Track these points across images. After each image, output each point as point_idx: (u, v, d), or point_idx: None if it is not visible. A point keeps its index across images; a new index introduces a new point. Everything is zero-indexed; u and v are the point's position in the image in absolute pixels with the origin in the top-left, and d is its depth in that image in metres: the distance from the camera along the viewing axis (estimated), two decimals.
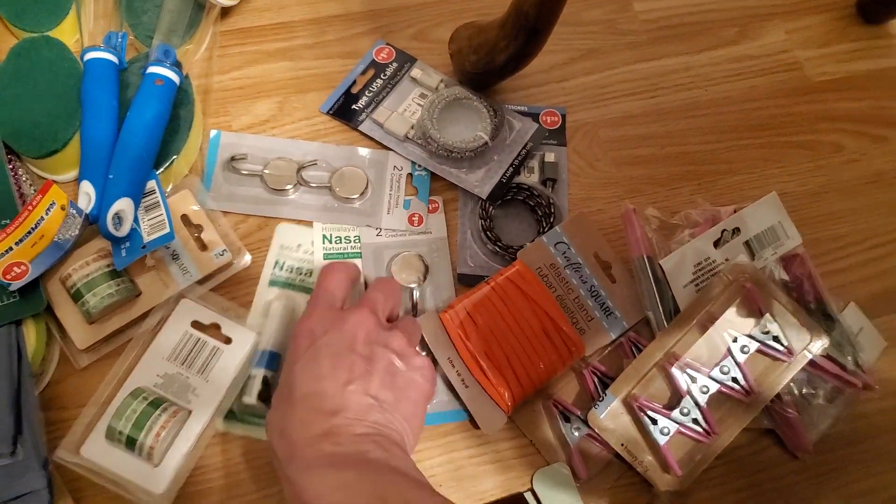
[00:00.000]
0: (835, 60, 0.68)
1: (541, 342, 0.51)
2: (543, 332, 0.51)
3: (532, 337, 0.51)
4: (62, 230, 0.48)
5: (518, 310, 0.52)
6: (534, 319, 0.51)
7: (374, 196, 0.56)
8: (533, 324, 0.51)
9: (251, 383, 0.48)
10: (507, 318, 0.51)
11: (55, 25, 0.56)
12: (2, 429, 0.44)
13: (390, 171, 0.57)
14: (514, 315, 0.51)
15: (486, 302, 0.52)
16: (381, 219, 0.56)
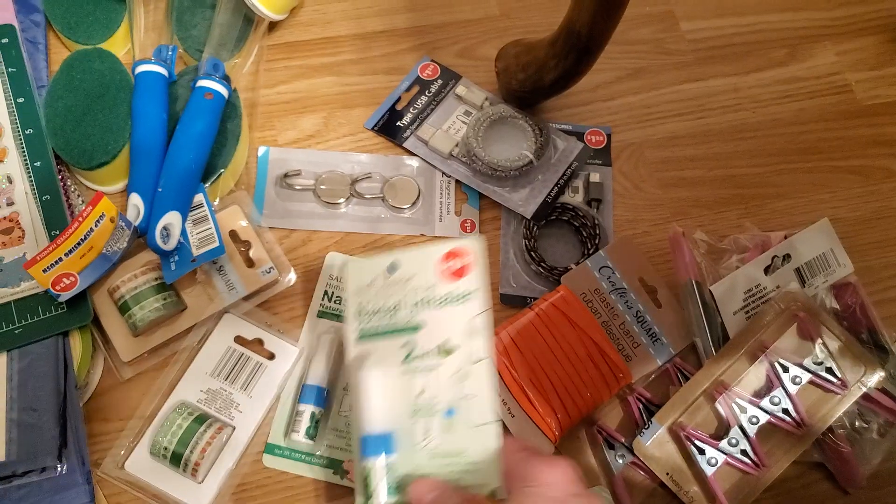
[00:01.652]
0: (886, 84, 0.66)
1: (587, 369, 0.50)
2: (589, 359, 0.50)
3: (578, 364, 0.50)
4: (111, 242, 0.48)
5: (563, 336, 0.50)
6: (579, 346, 0.50)
7: (425, 204, 0.56)
8: (579, 350, 0.50)
9: (299, 419, 0.47)
10: (553, 345, 0.50)
11: (107, 38, 0.56)
12: (48, 441, 0.44)
13: (439, 179, 0.57)
14: (560, 342, 0.50)
15: (530, 328, 0.50)
16: (434, 226, 0.55)
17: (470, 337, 0.40)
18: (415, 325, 0.41)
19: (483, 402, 0.39)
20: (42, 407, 0.44)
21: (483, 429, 0.39)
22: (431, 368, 0.40)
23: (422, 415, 0.39)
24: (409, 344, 0.41)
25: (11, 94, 0.52)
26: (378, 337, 0.42)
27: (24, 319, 0.46)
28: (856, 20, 0.68)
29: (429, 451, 0.39)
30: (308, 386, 0.49)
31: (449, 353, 0.40)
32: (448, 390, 0.40)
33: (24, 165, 0.50)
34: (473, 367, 0.40)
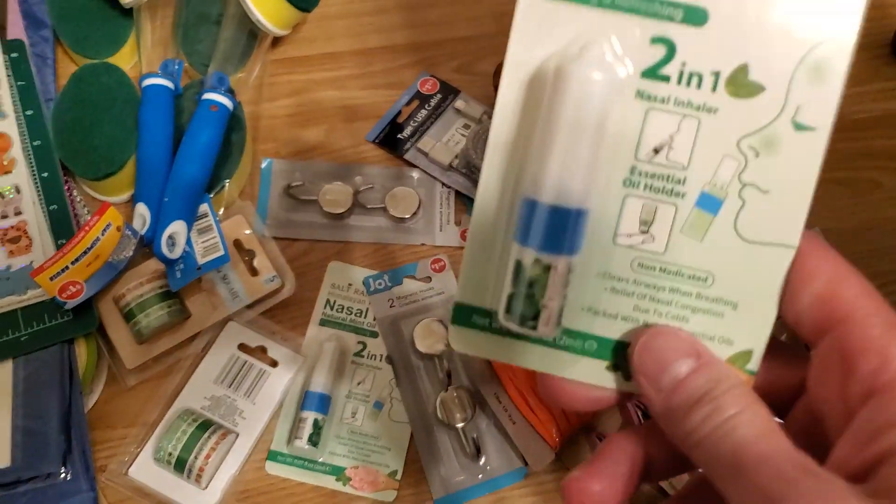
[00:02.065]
0: (870, 99, 0.67)
1: None
2: None
3: None
4: (117, 251, 0.48)
5: None
6: None
7: (426, 214, 0.56)
8: None
9: (302, 426, 0.48)
10: None
11: (114, 53, 0.57)
12: (53, 448, 0.43)
13: (439, 190, 0.58)
14: None
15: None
16: (434, 236, 0.56)
17: (804, 73, 0.22)
18: (691, 5, 0.22)
19: (787, 207, 0.23)
20: (47, 414, 0.44)
21: (770, 251, 0.23)
22: (692, 107, 0.23)
23: (648, 192, 0.23)
24: (661, 42, 0.23)
25: (20, 106, 0.52)
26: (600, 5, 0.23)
27: (30, 327, 0.46)
28: None
29: (645, 257, 0.24)
30: (311, 393, 0.49)
31: (741, 88, 0.22)
32: (715, 161, 0.23)
33: (32, 176, 0.50)
34: (786, 136, 0.22)
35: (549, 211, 0.22)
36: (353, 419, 0.50)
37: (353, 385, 0.51)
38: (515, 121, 0.23)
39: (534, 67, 0.23)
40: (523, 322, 0.23)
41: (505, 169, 0.24)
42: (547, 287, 0.23)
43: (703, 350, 0.23)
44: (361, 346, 0.52)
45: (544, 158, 0.22)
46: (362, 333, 0.52)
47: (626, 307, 0.24)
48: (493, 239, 0.24)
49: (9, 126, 0.51)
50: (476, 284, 0.25)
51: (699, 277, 0.24)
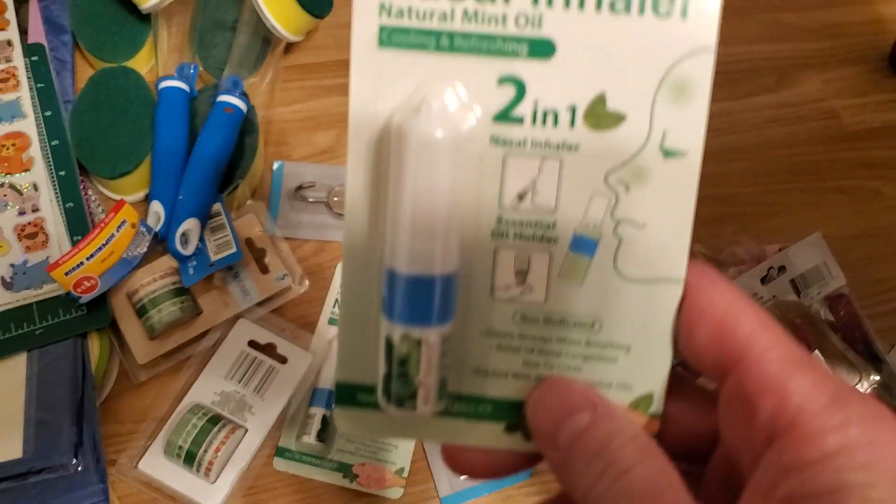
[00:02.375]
0: (870, 110, 0.69)
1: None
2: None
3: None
4: (131, 247, 0.49)
5: None
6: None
7: None
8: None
9: (310, 422, 0.48)
10: None
11: (131, 56, 0.58)
12: (64, 440, 0.44)
13: None
14: None
15: None
16: None
17: (665, 95, 0.21)
18: (535, 39, 0.21)
19: (667, 240, 0.22)
20: (60, 406, 0.45)
21: (655, 288, 0.22)
22: (551, 147, 0.21)
23: (519, 240, 0.22)
24: (509, 82, 0.21)
25: (40, 107, 0.53)
26: (424, 48, 0.21)
27: (45, 320, 0.47)
28: (838, 51, 0.71)
29: (539, 312, 0.22)
30: (319, 389, 0.49)
31: (601, 120, 0.21)
32: (584, 201, 0.22)
33: (49, 174, 0.51)
34: (655, 165, 0.21)
35: (409, 281, 0.20)
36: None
37: None
38: (369, 185, 0.21)
39: (379, 124, 0.21)
40: (400, 403, 0.21)
41: (367, 233, 0.22)
42: (420, 363, 0.21)
43: (599, 400, 0.21)
44: None
45: (396, 228, 0.20)
46: None
47: (515, 363, 0.22)
48: (365, 309, 0.22)
49: (28, 126, 0.52)
50: (355, 359, 0.22)
51: (585, 324, 0.22)
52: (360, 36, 0.20)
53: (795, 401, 0.18)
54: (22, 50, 0.55)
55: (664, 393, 0.22)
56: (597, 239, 0.22)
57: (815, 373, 0.19)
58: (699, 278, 0.21)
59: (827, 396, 0.18)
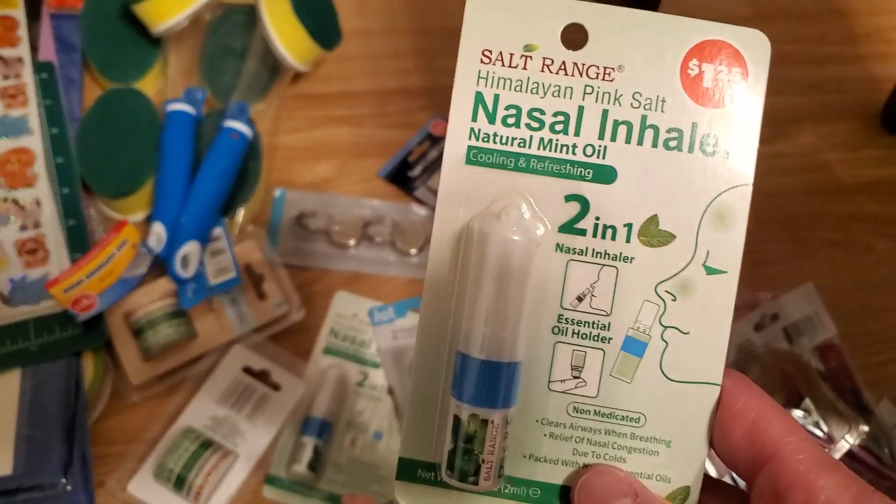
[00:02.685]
0: (862, 165, 0.71)
1: None
2: None
3: None
4: (131, 267, 0.50)
5: None
6: None
7: None
8: None
9: (302, 451, 0.48)
10: None
11: (140, 77, 0.59)
12: (54, 458, 0.44)
13: None
14: None
15: None
16: None
17: (709, 221, 0.24)
18: (600, 165, 0.24)
19: (707, 347, 0.24)
20: (51, 424, 0.45)
21: (695, 389, 0.24)
22: (609, 257, 0.24)
23: (576, 338, 0.25)
24: (574, 199, 0.24)
25: (47, 124, 0.54)
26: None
27: (41, 337, 0.47)
28: (833, 106, 0.74)
29: (579, 407, 0.25)
30: (312, 419, 0.50)
31: (654, 237, 0.24)
32: (636, 306, 0.24)
33: (52, 191, 0.52)
34: (699, 279, 0.24)
35: (481, 365, 0.23)
36: (353, 448, 0.50)
37: (353, 414, 0.52)
38: (448, 274, 0.25)
39: (461, 224, 0.24)
40: (464, 478, 0.24)
41: (441, 322, 0.25)
42: (485, 441, 0.23)
43: (641, 489, 0.24)
44: (363, 377, 0.53)
45: (473, 315, 0.23)
46: (365, 364, 0.53)
47: (565, 451, 0.25)
48: (434, 391, 0.25)
49: (34, 142, 0.53)
50: (419, 437, 0.25)
51: (632, 418, 0.25)
52: (452, 153, 0.24)
53: (823, 497, 0.21)
54: (32, 67, 0.56)
55: (699, 486, 0.24)
56: (646, 342, 0.25)
57: (841, 474, 0.21)
58: (735, 384, 0.24)
59: (851, 496, 0.21)
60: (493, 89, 0.24)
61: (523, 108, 0.24)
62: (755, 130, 0.25)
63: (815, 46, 0.77)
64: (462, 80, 0.25)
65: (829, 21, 0.79)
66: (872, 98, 0.75)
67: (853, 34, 0.79)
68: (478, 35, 0.24)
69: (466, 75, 0.25)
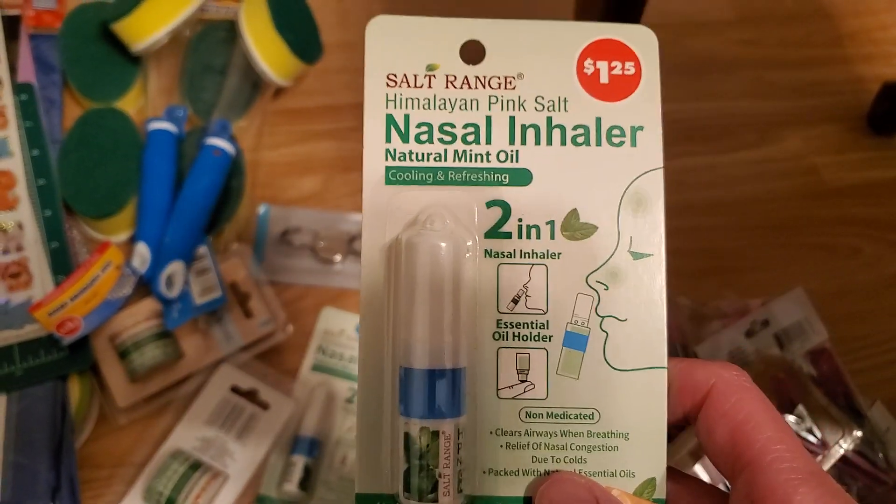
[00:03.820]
0: (849, 168, 0.74)
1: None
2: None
3: None
4: (115, 289, 0.51)
5: None
6: None
7: None
8: None
9: (292, 471, 0.50)
10: None
11: (121, 97, 0.61)
12: (42, 484, 0.45)
13: None
14: None
15: None
16: None
17: (627, 207, 0.26)
18: (515, 169, 0.26)
19: (646, 331, 0.25)
20: (38, 449, 0.46)
21: (643, 376, 0.25)
22: (537, 256, 0.26)
23: (518, 341, 0.26)
24: (496, 205, 0.26)
25: (27, 146, 0.56)
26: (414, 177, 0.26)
27: (25, 361, 0.49)
28: (819, 109, 0.77)
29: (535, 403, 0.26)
30: (301, 437, 0.51)
31: (576, 231, 0.26)
32: (571, 300, 0.26)
33: (35, 213, 0.54)
34: (627, 266, 0.26)
35: (424, 376, 0.24)
36: (343, 465, 0.52)
37: (343, 431, 0.53)
38: (383, 296, 0.25)
39: (388, 243, 0.26)
40: (422, 497, 0.24)
41: (379, 346, 0.25)
42: (439, 454, 0.24)
43: (602, 493, 0.24)
44: (352, 393, 0.55)
45: (411, 327, 0.24)
46: (353, 380, 0.55)
47: (524, 460, 0.25)
48: (380, 418, 0.25)
49: (15, 165, 0.55)
50: (373, 470, 0.25)
51: (585, 415, 0.25)
52: (370, 174, 0.26)
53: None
54: (11, 88, 0.58)
55: (664, 476, 0.25)
56: (587, 334, 0.26)
57: (823, 489, 0.21)
58: (727, 385, 0.24)
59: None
60: (403, 110, 0.26)
61: (434, 124, 0.26)
62: (657, 116, 0.26)
63: (800, 49, 0.80)
64: (371, 104, 0.27)
65: (813, 23, 0.82)
66: (859, 100, 0.77)
67: (838, 35, 0.82)
68: (380, 60, 0.27)
69: (375, 100, 0.27)
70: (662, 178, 0.26)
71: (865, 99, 0.77)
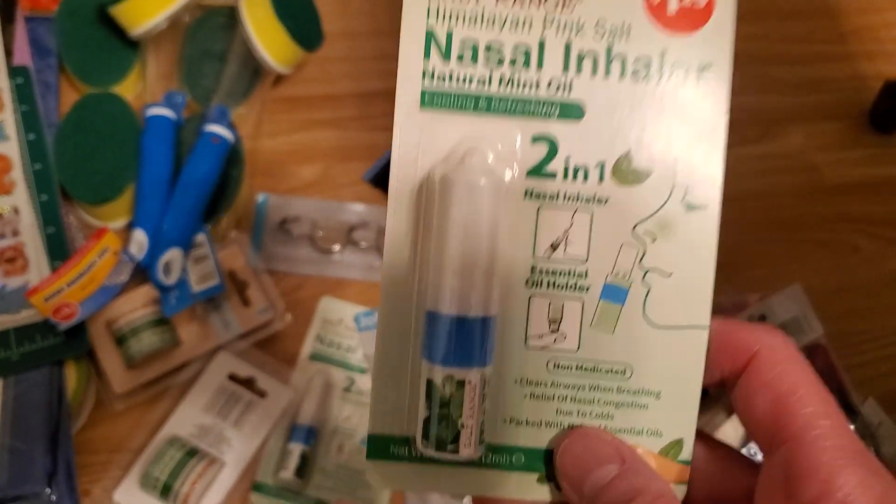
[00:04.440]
0: (850, 165, 0.75)
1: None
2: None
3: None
4: (112, 275, 0.52)
5: None
6: None
7: None
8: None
9: (288, 458, 0.51)
10: None
11: (118, 82, 0.61)
12: (38, 468, 0.46)
13: None
14: None
15: None
16: None
17: (688, 154, 0.24)
18: (566, 102, 0.24)
19: (691, 288, 0.24)
20: (34, 434, 0.47)
21: (683, 334, 0.24)
22: (582, 201, 0.24)
23: (552, 289, 0.24)
24: (542, 140, 0.24)
25: (23, 130, 0.56)
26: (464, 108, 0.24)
27: (22, 346, 0.49)
28: (821, 106, 0.78)
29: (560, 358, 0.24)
30: (298, 425, 0.52)
31: (628, 175, 0.24)
32: (614, 251, 0.24)
33: (31, 198, 0.54)
34: (679, 217, 0.24)
35: (453, 323, 0.22)
36: (340, 454, 0.53)
37: (340, 420, 0.54)
38: (410, 234, 0.24)
39: (420, 177, 0.24)
40: (442, 446, 0.23)
41: (405, 282, 0.24)
42: (463, 404, 0.23)
43: (628, 453, 0.23)
44: (350, 382, 0.56)
45: (440, 269, 0.23)
46: (351, 369, 0.56)
47: (548, 412, 0.24)
48: (401, 359, 0.24)
49: (10, 149, 0.55)
50: (389, 411, 0.24)
51: (617, 371, 0.24)
52: (404, 98, 0.24)
53: (840, 495, 0.20)
54: (7, 72, 0.58)
55: (693, 438, 0.24)
56: (627, 288, 0.24)
57: (867, 470, 0.20)
58: (772, 353, 0.23)
59: (873, 498, 0.20)
60: (446, 24, 0.24)
61: (480, 44, 0.24)
62: (728, 55, 0.24)
63: (803, 45, 0.81)
64: (410, 15, 0.24)
65: (817, 19, 0.83)
66: (861, 97, 0.78)
67: (842, 32, 0.83)
68: None
69: (415, 11, 0.24)
70: (727, 126, 0.24)
71: (867, 96, 0.78)
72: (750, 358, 0.23)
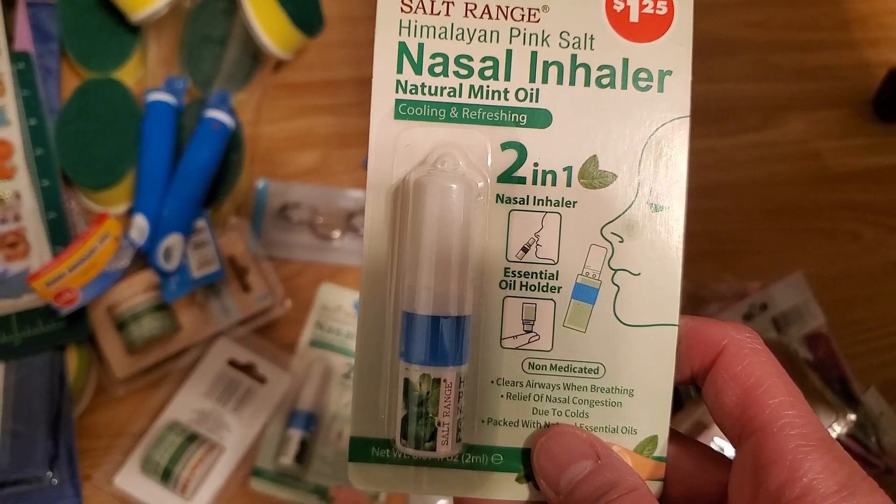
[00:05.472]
0: (852, 153, 0.74)
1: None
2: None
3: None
4: (113, 260, 0.52)
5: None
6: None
7: None
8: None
9: (288, 444, 0.51)
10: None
11: (119, 67, 0.61)
12: (40, 452, 0.46)
13: None
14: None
15: None
16: None
17: (649, 157, 0.25)
18: (533, 109, 0.25)
19: (660, 287, 0.25)
20: (36, 418, 0.47)
21: (653, 332, 0.25)
22: (551, 203, 0.25)
23: (525, 290, 0.25)
24: (511, 147, 0.25)
25: (25, 116, 0.56)
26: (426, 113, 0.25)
27: (23, 331, 0.50)
28: (823, 94, 0.77)
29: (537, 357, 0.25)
30: (298, 411, 0.53)
31: (594, 179, 0.25)
32: (583, 252, 0.25)
33: (32, 183, 0.54)
34: (644, 218, 0.25)
35: (427, 322, 0.23)
36: (339, 440, 0.53)
37: (340, 406, 0.54)
38: (386, 235, 0.25)
39: (395, 182, 0.25)
40: (420, 444, 0.23)
41: (382, 287, 0.25)
42: (439, 402, 0.23)
43: (602, 449, 0.24)
44: (349, 369, 0.56)
45: (416, 271, 0.24)
46: (351, 356, 0.56)
47: (524, 412, 0.25)
48: (380, 362, 0.25)
49: (12, 134, 0.55)
50: (369, 414, 0.25)
51: (590, 370, 0.25)
52: (379, 108, 0.25)
53: (805, 480, 0.21)
54: (8, 57, 0.58)
55: (667, 436, 0.25)
56: (597, 287, 0.25)
57: (831, 456, 0.21)
58: (738, 347, 0.23)
59: (837, 483, 0.21)
60: (417, 38, 0.25)
61: (450, 56, 0.25)
62: (687, 61, 0.25)
63: (806, 32, 0.80)
64: (383, 31, 0.24)
65: (821, 6, 0.83)
66: (864, 85, 0.78)
67: (845, 19, 0.83)
68: None
69: (387, 25, 0.24)
70: (688, 127, 0.25)
71: (871, 84, 0.78)
72: (718, 353, 0.24)
